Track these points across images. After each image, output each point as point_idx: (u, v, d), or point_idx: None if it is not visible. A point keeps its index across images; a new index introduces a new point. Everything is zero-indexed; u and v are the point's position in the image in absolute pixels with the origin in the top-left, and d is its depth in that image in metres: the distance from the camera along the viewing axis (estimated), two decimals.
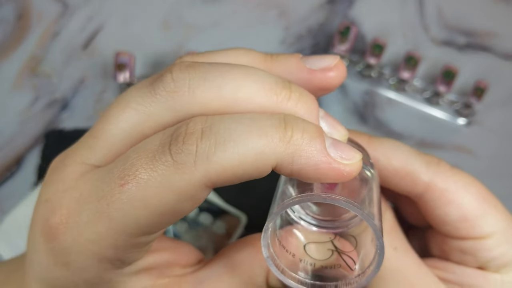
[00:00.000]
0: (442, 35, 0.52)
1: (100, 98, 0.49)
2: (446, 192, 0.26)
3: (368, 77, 0.49)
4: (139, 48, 0.50)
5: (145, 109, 0.21)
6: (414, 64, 0.46)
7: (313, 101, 0.23)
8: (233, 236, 0.42)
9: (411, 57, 0.46)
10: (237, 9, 0.53)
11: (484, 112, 0.49)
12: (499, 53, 0.52)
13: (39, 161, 0.45)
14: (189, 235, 0.42)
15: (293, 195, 0.21)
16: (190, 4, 0.53)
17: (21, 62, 0.50)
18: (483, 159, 0.48)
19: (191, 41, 0.51)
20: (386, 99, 0.50)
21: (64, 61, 0.50)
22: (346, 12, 0.53)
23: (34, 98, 0.49)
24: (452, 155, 0.48)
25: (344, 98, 0.50)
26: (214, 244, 0.42)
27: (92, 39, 0.51)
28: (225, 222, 0.43)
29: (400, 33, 0.52)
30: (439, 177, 0.27)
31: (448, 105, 0.49)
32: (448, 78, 0.46)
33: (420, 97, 0.49)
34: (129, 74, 0.44)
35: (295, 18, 0.52)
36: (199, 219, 0.42)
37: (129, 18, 0.52)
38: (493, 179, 0.48)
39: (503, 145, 0.49)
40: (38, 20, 0.51)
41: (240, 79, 0.21)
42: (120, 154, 0.22)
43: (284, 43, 0.51)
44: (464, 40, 0.52)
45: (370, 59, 0.46)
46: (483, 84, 0.46)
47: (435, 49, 0.52)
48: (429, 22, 0.53)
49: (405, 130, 0.49)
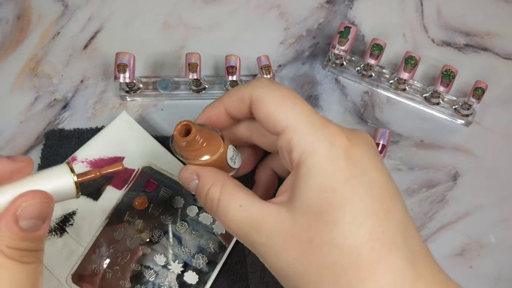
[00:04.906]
0: (442, 35, 0.52)
1: (100, 98, 0.49)
2: (259, 99, 0.32)
3: (368, 77, 0.49)
4: (139, 48, 0.50)
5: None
6: (414, 64, 0.46)
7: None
8: (233, 236, 0.42)
9: (411, 57, 0.46)
10: (237, 9, 0.53)
11: (483, 112, 0.50)
12: (499, 53, 0.52)
13: (39, 161, 0.45)
14: (189, 235, 0.42)
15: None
16: (190, 5, 0.53)
17: (21, 62, 0.50)
18: (483, 159, 0.48)
19: (191, 42, 0.51)
20: (386, 99, 0.50)
21: (64, 61, 0.50)
22: (346, 12, 0.53)
23: (34, 98, 0.49)
24: (452, 155, 0.48)
25: (344, 98, 0.50)
26: (214, 244, 0.42)
27: (92, 39, 0.51)
28: None
29: (400, 33, 0.52)
30: (256, 90, 0.32)
31: (448, 105, 0.49)
32: (448, 78, 0.46)
33: (420, 97, 0.49)
34: (129, 74, 0.44)
35: (295, 19, 0.52)
36: (199, 219, 0.42)
37: (129, 18, 0.52)
38: (493, 179, 0.48)
39: (503, 145, 0.49)
40: (38, 20, 0.51)
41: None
42: None
43: (284, 43, 0.51)
44: (464, 40, 0.52)
45: (370, 59, 0.46)
46: (483, 84, 0.46)
47: (435, 49, 0.52)
48: (429, 22, 0.53)
49: (405, 130, 0.49)
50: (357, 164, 0.29)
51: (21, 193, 0.27)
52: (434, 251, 0.46)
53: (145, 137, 0.45)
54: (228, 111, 0.34)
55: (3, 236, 0.26)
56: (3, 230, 0.26)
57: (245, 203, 0.31)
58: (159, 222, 0.42)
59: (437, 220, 0.46)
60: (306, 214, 0.29)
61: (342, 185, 0.28)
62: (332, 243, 0.28)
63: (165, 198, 0.43)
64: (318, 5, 0.53)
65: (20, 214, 0.27)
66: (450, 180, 0.48)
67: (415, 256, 0.29)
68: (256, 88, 0.32)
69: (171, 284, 0.41)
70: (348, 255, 0.28)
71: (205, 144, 0.33)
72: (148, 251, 0.41)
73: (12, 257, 0.26)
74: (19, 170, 0.28)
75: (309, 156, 0.29)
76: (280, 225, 0.29)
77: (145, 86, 0.48)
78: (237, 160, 0.36)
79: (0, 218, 0.27)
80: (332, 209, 0.28)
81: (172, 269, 0.41)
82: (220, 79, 0.49)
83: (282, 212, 0.30)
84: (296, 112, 0.30)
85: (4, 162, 0.28)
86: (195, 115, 0.34)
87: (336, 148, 0.29)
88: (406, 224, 0.29)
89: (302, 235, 0.29)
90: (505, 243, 0.46)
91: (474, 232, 0.46)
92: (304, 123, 0.30)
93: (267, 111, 0.31)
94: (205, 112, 0.35)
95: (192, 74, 0.45)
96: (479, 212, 0.47)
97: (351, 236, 0.28)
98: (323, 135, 0.29)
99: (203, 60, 0.46)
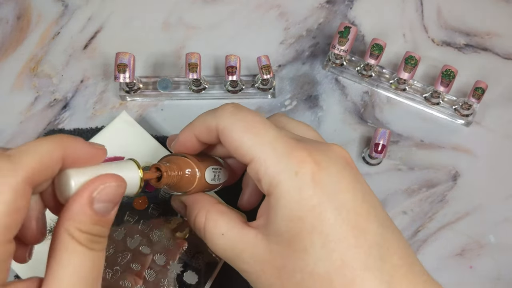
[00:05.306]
0: (442, 35, 0.52)
1: (100, 98, 0.49)
2: (225, 130, 0.31)
3: (368, 77, 0.49)
4: (139, 48, 0.50)
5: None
6: (414, 64, 0.46)
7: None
8: None
9: (411, 57, 0.46)
10: (237, 9, 0.53)
11: (483, 112, 0.50)
12: (499, 53, 0.52)
13: None
14: (189, 235, 0.42)
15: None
16: (190, 5, 0.53)
17: (21, 62, 0.50)
18: (482, 159, 0.48)
19: (191, 42, 0.51)
20: (386, 99, 0.50)
21: (64, 61, 0.50)
22: (346, 12, 0.53)
23: (34, 98, 0.49)
24: (452, 155, 0.48)
25: (344, 98, 0.50)
26: None
27: (92, 39, 0.51)
28: None
29: (400, 33, 0.52)
30: (221, 120, 0.32)
31: (448, 105, 0.49)
32: (448, 78, 0.46)
33: (420, 97, 0.49)
34: (129, 74, 0.44)
35: (295, 18, 0.52)
36: None
37: (129, 18, 0.52)
38: (493, 179, 0.48)
39: (502, 145, 0.49)
40: (38, 20, 0.51)
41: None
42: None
43: (284, 43, 0.51)
44: (464, 40, 0.52)
45: (370, 59, 0.46)
46: (483, 84, 0.46)
47: (435, 49, 0.52)
48: (429, 22, 0.53)
49: (404, 130, 0.49)
50: (324, 189, 0.29)
51: (100, 175, 0.27)
52: (434, 251, 0.46)
53: (145, 137, 0.45)
54: (199, 139, 0.34)
55: (76, 218, 0.26)
56: (76, 212, 0.26)
57: (226, 231, 0.31)
58: (159, 222, 0.42)
59: (437, 220, 0.46)
60: (279, 243, 0.29)
61: (308, 213, 0.28)
62: (305, 271, 0.28)
63: (165, 198, 0.43)
64: (318, 5, 0.53)
65: (97, 196, 0.26)
66: (450, 180, 0.48)
67: (393, 275, 0.28)
68: (221, 117, 0.32)
69: (171, 284, 0.41)
70: (320, 282, 0.28)
71: (181, 177, 0.33)
72: (148, 251, 0.41)
73: (83, 242, 0.26)
74: (95, 156, 0.28)
75: (275, 188, 0.29)
76: (258, 252, 0.30)
77: (145, 86, 0.48)
78: (221, 175, 0.36)
79: (73, 200, 0.26)
80: (301, 238, 0.28)
81: (172, 269, 0.41)
82: (220, 79, 0.49)
83: (259, 239, 0.30)
84: (260, 142, 0.30)
85: (85, 146, 0.28)
86: (195, 115, 0.34)
87: (302, 176, 0.29)
88: (383, 243, 0.29)
89: (277, 262, 0.29)
90: (505, 243, 0.46)
91: (474, 232, 0.46)
92: (268, 154, 0.30)
93: (231, 143, 0.31)
94: (179, 140, 0.35)
95: (192, 74, 0.45)
96: (479, 212, 0.47)
97: (323, 263, 0.28)
98: (288, 164, 0.29)
99: (203, 60, 0.46)
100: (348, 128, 0.49)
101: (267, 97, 0.49)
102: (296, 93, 0.50)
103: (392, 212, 0.47)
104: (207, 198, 0.34)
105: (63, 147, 0.26)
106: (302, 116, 0.49)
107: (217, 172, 0.36)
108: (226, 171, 0.37)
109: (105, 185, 0.27)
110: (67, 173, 0.26)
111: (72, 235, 0.25)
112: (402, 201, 0.47)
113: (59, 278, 0.25)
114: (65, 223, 0.26)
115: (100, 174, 0.27)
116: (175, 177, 0.33)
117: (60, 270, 0.25)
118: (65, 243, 0.25)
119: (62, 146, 0.26)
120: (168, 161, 0.33)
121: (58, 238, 0.25)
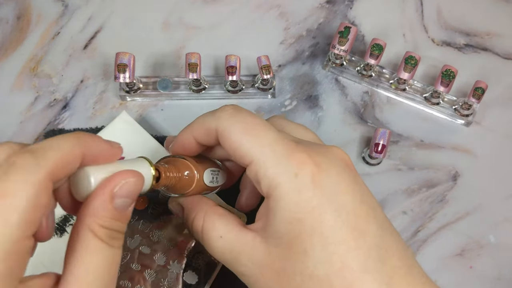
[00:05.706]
0: (442, 35, 0.52)
1: (100, 98, 0.49)
2: (224, 132, 0.31)
3: (368, 77, 0.49)
4: (139, 48, 0.50)
5: None
6: (414, 64, 0.46)
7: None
8: None
9: (411, 57, 0.46)
10: (237, 9, 0.53)
11: (483, 112, 0.50)
12: (499, 53, 0.52)
13: None
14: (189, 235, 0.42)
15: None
16: (190, 5, 0.53)
17: (21, 62, 0.50)
18: (482, 159, 0.48)
19: (191, 42, 0.51)
20: (386, 99, 0.50)
21: (64, 61, 0.50)
22: (346, 12, 0.53)
23: (34, 98, 0.49)
24: (452, 155, 0.48)
25: (344, 98, 0.50)
26: None
27: (92, 39, 0.51)
28: None
29: (400, 33, 0.52)
30: (220, 122, 0.32)
31: (448, 105, 0.49)
32: (448, 78, 0.46)
33: (420, 97, 0.49)
34: (129, 74, 0.44)
35: (295, 18, 0.52)
36: None
37: (129, 18, 0.52)
38: (493, 179, 0.48)
39: (503, 145, 0.49)
40: (38, 20, 0.51)
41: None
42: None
43: (284, 43, 0.51)
44: (464, 40, 0.52)
45: (370, 59, 0.46)
46: (483, 84, 0.46)
47: (435, 49, 0.52)
48: (429, 22, 0.53)
49: (404, 130, 0.49)
50: (324, 190, 0.29)
51: (120, 171, 0.27)
52: (434, 251, 0.46)
53: (145, 137, 0.45)
54: (198, 141, 0.34)
55: (98, 214, 0.26)
56: (97, 208, 0.26)
57: (224, 233, 0.31)
58: (159, 222, 0.42)
59: (437, 220, 0.46)
60: (278, 245, 0.29)
61: (308, 215, 0.28)
62: (304, 273, 0.28)
63: (165, 198, 0.43)
64: (318, 5, 0.53)
65: (117, 192, 0.26)
66: (450, 180, 0.48)
67: (392, 277, 0.28)
68: (220, 119, 0.31)
69: (171, 284, 0.41)
70: (320, 285, 0.28)
71: (180, 179, 0.33)
72: (148, 251, 0.41)
73: (104, 239, 0.26)
74: (113, 154, 0.28)
75: (275, 189, 0.29)
76: (256, 255, 0.30)
77: (145, 86, 0.48)
78: (220, 177, 0.36)
79: (94, 196, 0.26)
80: (301, 240, 0.28)
81: (172, 269, 0.41)
82: (220, 79, 0.49)
83: (257, 241, 0.30)
84: (259, 144, 0.30)
85: (103, 144, 0.28)
86: (195, 115, 0.34)
87: (302, 178, 0.29)
88: (382, 245, 0.29)
89: (276, 265, 0.29)
90: (505, 243, 0.46)
91: (474, 232, 0.46)
92: (267, 156, 0.30)
93: (231, 145, 0.31)
94: (178, 141, 0.35)
95: (192, 74, 0.45)
96: (479, 212, 0.47)
97: (322, 265, 0.28)
98: (288, 166, 0.29)
99: (203, 60, 0.46)
100: (348, 128, 0.49)
101: (267, 97, 0.49)
102: (296, 93, 0.50)
103: (392, 212, 0.47)
104: (205, 201, 0.34)
105: (83, 145, 0.26)
106: (302, 116, 0.49)
107: (215, 175, 0.36)
108: (224, 173, 0.37)
109: (126, 180, 0.27)
110: (85, 170, 0.26)
111: (93, 231, 0.25)
112: (402, 201, 0.47)
113: (78, 275, 0.25)
114: (86, 219, 0.26)
115: (119, 171, 0.27)
116: (173, 179, 0.33)
117: (81, 267, 0.25)
118: (86, 239, 0.25)
119: (82, 143, 0.26)
120: (167, 163, 0.33)
121: (78, 235, 0.25)
